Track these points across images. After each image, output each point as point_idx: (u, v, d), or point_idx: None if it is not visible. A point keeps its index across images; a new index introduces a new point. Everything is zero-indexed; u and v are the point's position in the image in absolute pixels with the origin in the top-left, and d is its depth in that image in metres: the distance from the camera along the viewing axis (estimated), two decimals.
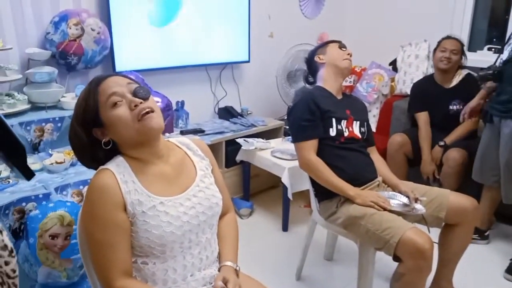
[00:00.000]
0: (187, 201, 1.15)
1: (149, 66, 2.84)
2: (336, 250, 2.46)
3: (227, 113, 3.33)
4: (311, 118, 1.87)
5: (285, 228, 2.76)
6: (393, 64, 3.55)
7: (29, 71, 2.14)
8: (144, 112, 1.07)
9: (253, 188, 3.17)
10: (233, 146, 2.99)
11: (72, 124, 1.14)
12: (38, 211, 1.57)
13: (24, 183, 1.75)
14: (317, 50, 2.05)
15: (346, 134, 1.91)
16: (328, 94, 1.97)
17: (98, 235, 1.06)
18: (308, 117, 1.87)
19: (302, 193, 2.75)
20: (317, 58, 2.02)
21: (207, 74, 3.29)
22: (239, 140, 2.94)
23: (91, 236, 1.08)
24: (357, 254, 1.81)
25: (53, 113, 2.11)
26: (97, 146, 1.12)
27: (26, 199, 1.64)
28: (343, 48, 1.99)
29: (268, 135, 3.29)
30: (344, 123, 1.92)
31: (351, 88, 3.57)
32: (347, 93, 2.12)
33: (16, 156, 0.86)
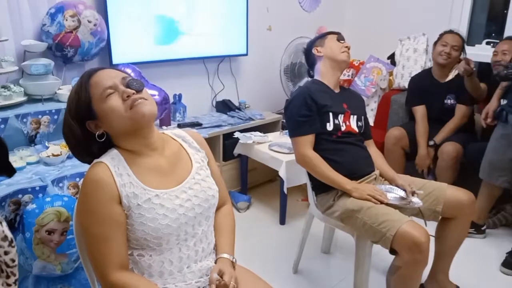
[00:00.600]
0: (183, 194, 1.15)
1: (146, 59, 2.82)
2: (333, 243, 2.47)
3: (224, 107, 3.32)
4: (307, 113, 1.87)
5: (283, 221, 2.77)
6: (391, 58, 3.55)
7: (25, 63, 2.12)
8: (137, 103, 1.07)
9: (250, 182, 3.17)
10: (230, 139, 2.99)
11: (65, 118, 1.13)
12: (35, 205, 1.57)
13: (21, 175, 1.74)
14: (315, 42, 2.04)
15: (343, 128, 1.90)
16: (325, 88, 1.96)
17: (93, 228, 1.06)
18: (305, 113, 1.87)
19: (299, 186, 2.75)
20: (315, 50, 2.00)
21: (205, 67, 3.28)
22: (236, 133, 2.94)
23: (87, 230, 1.08)
24: (354, 247, 1.81)
25: (49, 106, 2.09)
26: (91, 139, 1.12)
27: (23, 191, 1.63)
28: (341, 41, 1.98)
29: (265, 128, 3.29)
30: (341, 118, 1.91)
31: (349, 82, 3.56)
32: (344, 87, 2.11)
33: None
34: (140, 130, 1.11)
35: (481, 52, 3.24)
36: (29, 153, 1.92)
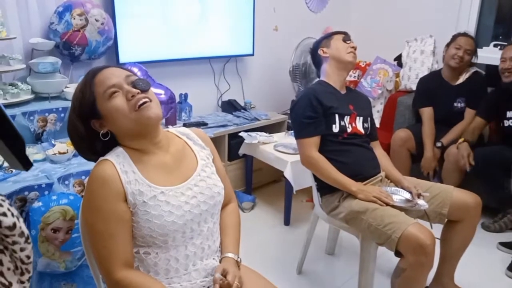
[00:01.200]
0: (189, 191, 1.15)
1: (153, 58, 2.83)
2: (338, 245, 2.46)
3: (230, 106, 3.32)
4: (313, 115, 1.86)
5: (287, 222, 2.76)
6: (398, 59, 3.53)
7: (32, 61, 2.13)
8: (141, 102, 1.07)
9: (255, 182, 3.17)
10: (236, 139, 2.99)
11: (70, 116, 1.14)
12: (41, 203, 1.57)
13: (27, 172, 1.75)
14: (321, 42, 2.03)
15: (349, 130, 1.90)
16: (331, 89, 1.95)
17: (99, 226, 1.06)
18: (310, 114, 1.86)
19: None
20: (321, 51, 1.99)
21: (211, 67, 3.28)
22: (242, 133, 2.94)
23: (92, 227, 1.08)
24: (358, 249, 1.80)
25: (56, 104, 2.10)
26: (96, 138, 1.12)
27: (29, 189, 1.64)
28: (347, 41, 1.97)
29: (271, 129, 3.28)
30: (347, 119, 1.90)
31: (356, 83, 3.55)
32: (351, 88, 2.10)
33: (16, 145, 0.86)
34: (146, 132, 1.12)
35: (489, 55, 3.21)
36: (35, 150, 1.93)
